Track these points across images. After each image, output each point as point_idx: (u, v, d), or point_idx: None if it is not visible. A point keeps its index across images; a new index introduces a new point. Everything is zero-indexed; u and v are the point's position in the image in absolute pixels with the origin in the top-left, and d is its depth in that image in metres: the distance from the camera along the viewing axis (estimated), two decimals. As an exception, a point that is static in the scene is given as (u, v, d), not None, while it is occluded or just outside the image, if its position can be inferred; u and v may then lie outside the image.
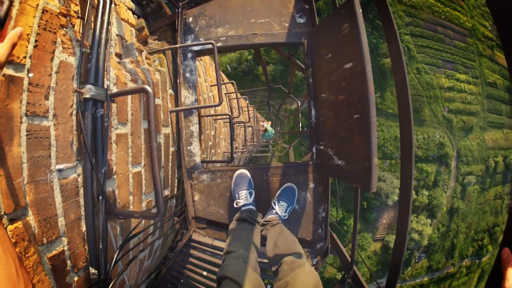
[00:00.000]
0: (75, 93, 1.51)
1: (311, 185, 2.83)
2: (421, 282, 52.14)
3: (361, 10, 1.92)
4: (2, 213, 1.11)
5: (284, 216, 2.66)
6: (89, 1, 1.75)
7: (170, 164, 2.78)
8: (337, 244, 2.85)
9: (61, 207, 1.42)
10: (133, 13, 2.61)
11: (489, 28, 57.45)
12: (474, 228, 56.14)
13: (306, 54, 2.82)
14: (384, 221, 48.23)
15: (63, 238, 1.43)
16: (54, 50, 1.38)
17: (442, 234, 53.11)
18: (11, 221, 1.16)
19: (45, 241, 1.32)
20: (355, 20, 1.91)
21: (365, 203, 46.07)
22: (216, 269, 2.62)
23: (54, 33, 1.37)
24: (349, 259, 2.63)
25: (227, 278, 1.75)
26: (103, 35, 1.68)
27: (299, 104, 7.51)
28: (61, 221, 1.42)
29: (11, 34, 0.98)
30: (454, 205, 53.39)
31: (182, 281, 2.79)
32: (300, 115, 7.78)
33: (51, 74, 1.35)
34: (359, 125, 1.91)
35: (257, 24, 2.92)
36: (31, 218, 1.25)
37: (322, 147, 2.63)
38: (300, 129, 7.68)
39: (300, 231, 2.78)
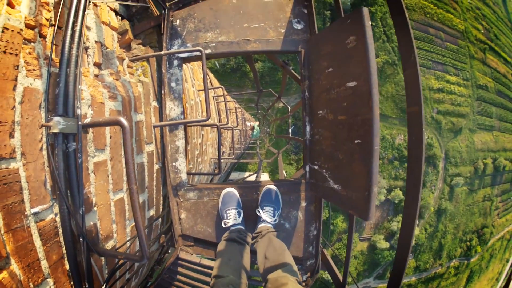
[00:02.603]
0: (44, 127, 1.35)
1: (303, 204, 2.75)
2: (409, 282, 52.83)
3: (370, 23, 1.77)
4: None
5: (275, 221, 2.58)
6: (62, 2, 1.56)
7: (154, 183, 2.66)
8: (328, 261, 2.80)
9: (42, 250, 1.35)
10: (117, 13, 2.47)
11: (482, 31, 58.35)
12: (462, 229, 56.90)
13: (303, 64, 2.68)
14: (371, 221, 48.54)
15: (48, 279, 1.38)
16: (17, 76, 1.21)
17: (430, 234, 53.79)
18: None
19: (31, 286, 1.27)
20: (363, 35, 1.75)
21: (353, 202, 46.67)
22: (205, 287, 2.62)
23: (16, 54, 1.20)
24: (340, 278, 2.57)
25: None
26: (74, 51, 1.49)
27: (289, 110, 7.37)
28: (44, 264, 1.35)
29: None
30: (441, 206, 54.05)
31: None
32: (290, 120, 7.64)
33: (14, 106, 1.20)
34: (360, 152, 1.79)
35: (250, 29, 2.76)
36: (14, 266, 1.19)
37: (316, 167, 2.51)
38: (290, 135, 7.53)
39: (291, 249, 2.69)
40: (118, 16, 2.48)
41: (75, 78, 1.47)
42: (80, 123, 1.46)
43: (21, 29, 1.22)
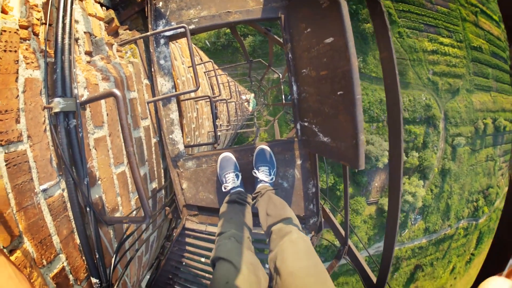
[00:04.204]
0: (46, 109, 1.45)
1: (298, 162, 2.81)
2: (420, 245, 53.11)
3: None
4: (1, 247, 1.11)
5: (271, 179, 2.66)
6: (51, 3, 1.64)
7: (154, 156, 2.74)
8: (331, 218, 2.88)
9: (53, 225, 1.41)
10: (102, 5, 2.51)
11: None
12: (467, 189, 57.04)
13: (283, 29, 2.73)
14: (376, 184, 48.75)
15: (60, 255, 1.44)
16: (18, 69, 1.31)
17: (436, 195, 53.92)
18: (11, 252, 1.16)
19: (45, 262, 1.33)
20: None
21: (355, 167, 46.63)
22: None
23: (15, 51, 1.30)
24: (343, 233, 2.63)
25: (220, 258, 1.74)
26: (66, 41, 1.60)
27: (281, 76, 7.43)
28: (55, 239, 1.42)
29: None
30: (445, 166, 54.06)
31: (181, 269, 2.83)
32: (282, 87, 7.69)
33: (18, 96, 1.29)
34: (344, 102, 1.85)
35: (230, 1, 2.79)
36: (27, 244, 1.25)
37: (306, 124, 2.57)
38: (283, 101, 7.60)
39: (292, 209, 2.65)
40: (104, 7, 2.53)
41: (70, 63, 1.57)
42: (78, 101, 1.56)
43: (17, 29, 1.30)
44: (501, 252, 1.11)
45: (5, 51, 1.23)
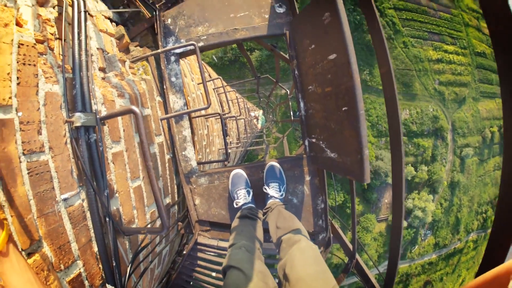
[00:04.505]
0: (67, 123, 1.53)
1: (307, 178, 2.84)
2: (430, 260, 52.46)
3: None
4: (20, 249, 1.16)
5: (281, 195, 2.70)
6: (64, 19, 1.74)
7: (167, 172, 2.80)
8: (339, 233, 2.89)
9: (72, 233, 1.48)
10: (111, 21, 2.60)
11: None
12: (477, 201, 56.48)
13: (289, 45, 2.80)
14: (386, 201, 48.34)
15: (78, 262, 1.50)
16: (38, 83, 1.39)
17: (446, 209, 53.42)
18: (29, 255, 1.22)
19: (62, 267, 1.39)
20: (336, 10, 1.86)
21: (365, 184, 46.09)
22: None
23: (34, 65, 1.38)
24: (351, 247, 2.67)
25: (231, 267, 1.78)
26: (83, 57, 1.69)
27: (288, 92, 7.49)
28: (74, 246, 1.49)
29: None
30: (454, 178, 53.63)
31: (192, 283, 2.82)
32: (290, 103, 7.75)
33: (39, 108, 1.37)
34: (348, 118, 1.91)
35: (237, 18, 2.87)
36: (46, 249, 1.31)
37: (314, 140, 2.63)
38: (292, 117, 7.66)
39: (301, 224, 2.79)
40: (113, 23, 2.62)
41: (88, 79, 1.66)
42: (98, 116, 1.65)
43: (34, 44, 1.39)
44: (498, 251, 1.17)
45: (24, 64, 1.31)
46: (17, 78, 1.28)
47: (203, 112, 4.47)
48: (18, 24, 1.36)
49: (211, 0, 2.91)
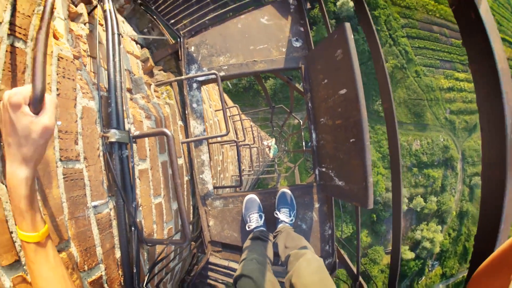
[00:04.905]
0: (102, 137, 1.68)
1: (316, 205, 2.96)
2: (437, 291, 51.54)
3: (352, 36, 2.06)
4: None
5: (291, 220, 2.81)
6: (97, 39, 1.88)
7: (185, 193, 2.93)
8: (344, 258, 2.99)
9: (98, 238, 1.60)
10: (136, 42, 2.76)
11: None
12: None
13: (304, 78, 2.94)
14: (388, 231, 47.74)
15: (100, 265, 1.61)
16: (76, 97, 1.52)
17: (454, 239, 52.51)
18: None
19: (86, 268, 1.49)
20: (347, 47, 2.05)
21: (374, 216, 45.57)
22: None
23: (73, 79, 1.51)
24: (355, 270, 2.78)
25: (242, 276, 1.91)
26: (118, 78, 1.83)
27: (301, 123, 7.64)
28: (98, 250, 1.59)
29: (51, 101, 1.05)
30: (463, 208, 52.83)
31: None
32: (302, 133, 7.90)
33: (76, 121, 1.51)
34: (355, 149, 2.07)
35: (256, 50, 3.02)
36: (73, 249, 1.41)
37: (324, 169, 2.76)
38: (304, 147, 7.79)
39: None
40: (138, 45, 2.78)
41: (122, 99, 1.82)
42: (131, 134, 1.82)
43: (73, 59, 1.53)
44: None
45: (63, 77, 1.44)
46: (57, 89, 1.40)
47: (219, 138, 4.62)
48: (54, 36, 1.48)
49: (232, 31, 3.08)
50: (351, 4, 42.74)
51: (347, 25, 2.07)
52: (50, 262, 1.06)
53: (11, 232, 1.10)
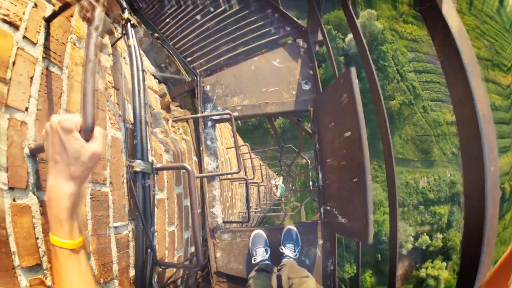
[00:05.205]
0: (128, 166, 1.84)
1: (320, 242, 3.05)
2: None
3: (357, 81, 2.21)
4: None
5: (296, 255, 2.92)
6: (121, 73, 2.03)
7: (191, 226, 3.03)
8: None
9: (116, 256, 1.70)
10: (154, 77, 2.90)
11: (483, 49, 57.18)
12: (492, 261, 54.08)
13: (312, 121, 3.09)
14: (399, 272, 46.64)
15: (115, 280, 1.70)
16: (106, 126, 1.66)
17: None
18: None
19: (102, 281, 1.57)
20: (352, 92, 2.20)
21: (379, 256, 44.58)
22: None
23: (103, 110, 1.65)
24: None
25: None
26: (142, 113, 1.96)
27: (309, 163, 7.75)
28: (115, 266, 1.70)
29: (100, 131, 1.12)
30: (469, 243, 51.78)
31: None
32: (310, 173, 8.01)
33: (107, 149, 1.66)
34: (358, 188, 2.19)
35: (268, 93, 3.17)
36: (93, 263, 1.50)
37: (328, 208, 2.87)
38: (311, 187, 7.89)
39: None
40: (156, 79, 2.93)
41: (146, 133, 1.96)
42: (154, 166, 1.96)
43: (104, 92, 1.67)
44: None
45: (97, 107, 1.58)
46: None
47: (229, 175, 4.74)
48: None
49: (245, 73, 3.26)
50: (360, 39, 43.49)
51: (353, 70, 2.24)
52: (80, 269, 1.13)
53: (37, 238, 1.18)
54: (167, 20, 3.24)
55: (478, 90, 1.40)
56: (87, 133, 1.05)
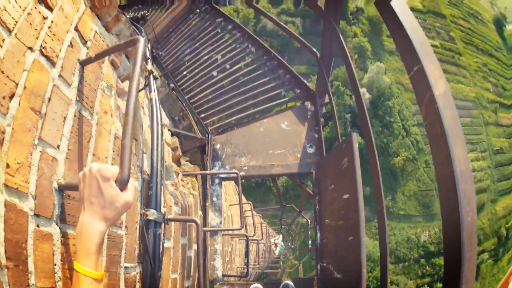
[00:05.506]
0: (142, 214, 1.97)
1: None
2: None
3: (357, 146, 2.38)
4: None
5: None
6: (142, 124, 2.14)
7: (197, 275, 3.08)
8: None
9: None
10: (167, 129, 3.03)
11: (491, 90, 57.09)
12: None
13: (314, 183, 3.22)
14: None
15: None
16: None
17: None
18: None
19: None
20: (352, 157, 2.36)
21: (377, 311, 43.53)
22: None
23: None
24: None
25: None
26: (159, 167, 2.09)
27: (309, 222, 7.84)
28: None
29: (132, 184, 1.26)
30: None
31: None
32: (310, 232, 8.08)
33: None
34: (353, 246, 2.32)
35: (274, 155, 3.32)
36: None
37: (325, 264, 2.95)
38: (309, 246, 7.95)
39: None
40: (169, 131, 3.07)
41: (161, 186, 2.09)
42: (166, 216, 2.09)
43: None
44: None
45: (118, 155, 1.67)
46: (111, 164, 1.61)
47: (230, 231, 4.86)
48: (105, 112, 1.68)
49: (255, 134, 3.45)
50: (367, 95, 43.72)
51: (354, 135, 2.42)
52: None
53: (55, 264, 1.23)
54: (184, 72, 3.46)
55: (458, 155, 1.56)
56: (122, 184, 1.18)
